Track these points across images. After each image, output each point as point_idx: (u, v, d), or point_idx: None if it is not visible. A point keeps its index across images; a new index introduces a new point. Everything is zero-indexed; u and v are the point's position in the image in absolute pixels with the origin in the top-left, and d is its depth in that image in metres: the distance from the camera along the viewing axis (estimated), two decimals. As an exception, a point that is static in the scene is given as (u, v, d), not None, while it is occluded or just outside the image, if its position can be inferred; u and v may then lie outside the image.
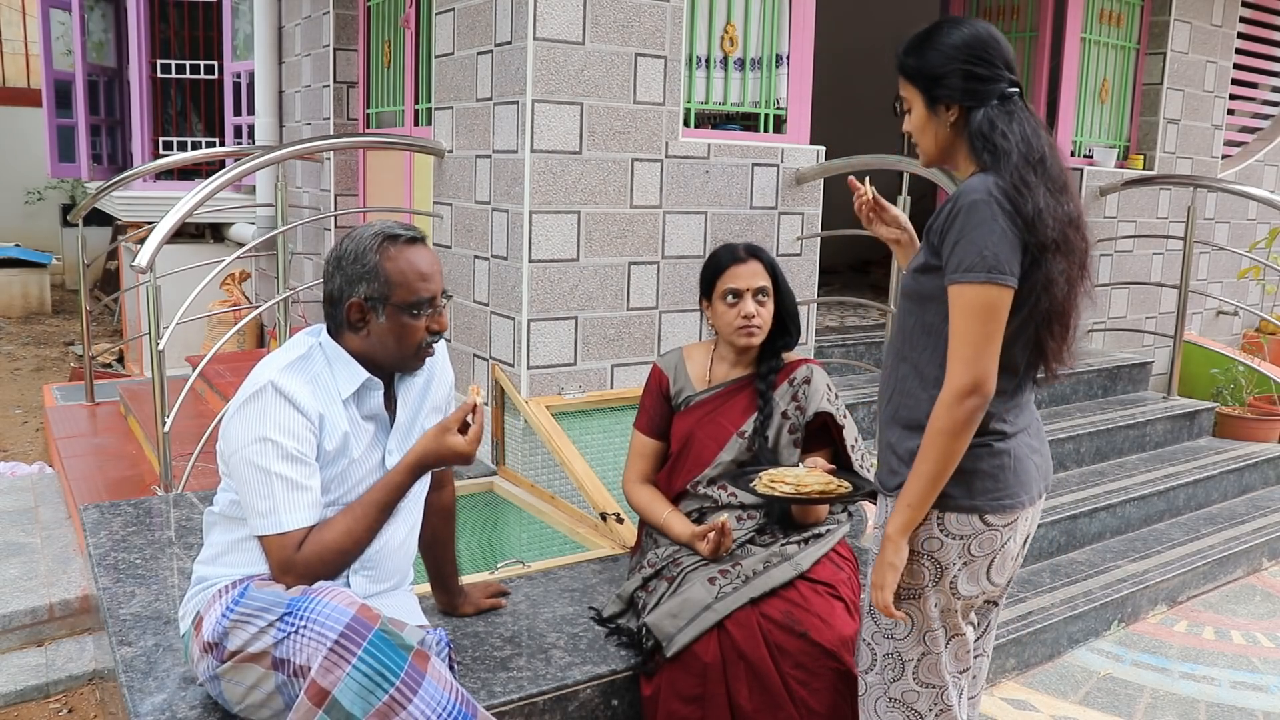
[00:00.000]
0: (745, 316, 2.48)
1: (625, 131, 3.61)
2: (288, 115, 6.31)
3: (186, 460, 3.65)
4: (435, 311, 1.98)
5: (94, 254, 8.44)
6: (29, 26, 12.97)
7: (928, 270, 1.84)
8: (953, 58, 1.84)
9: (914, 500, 1.80)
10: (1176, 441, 4.95)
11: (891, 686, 1.96)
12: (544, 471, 3.58)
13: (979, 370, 1.74)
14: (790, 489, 2.24)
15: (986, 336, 1.74)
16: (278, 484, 1.83)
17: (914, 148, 2.01)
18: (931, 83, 1.86)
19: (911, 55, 1.89)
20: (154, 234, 3.35)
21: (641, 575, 2.47)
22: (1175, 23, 5.73)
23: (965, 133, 1.87)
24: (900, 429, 1.89)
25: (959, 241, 1.75)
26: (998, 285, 1.73)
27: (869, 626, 1.99)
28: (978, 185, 1.77)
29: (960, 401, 1.74)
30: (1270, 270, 5.83)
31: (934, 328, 1.84)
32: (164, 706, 2.01)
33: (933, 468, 1.78)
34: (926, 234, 1.87)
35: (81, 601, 3.44)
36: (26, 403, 7.30)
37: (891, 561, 1.83)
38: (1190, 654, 3.41)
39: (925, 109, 1.90)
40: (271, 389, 1.86)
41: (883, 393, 1.98)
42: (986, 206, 1.74)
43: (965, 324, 1.75)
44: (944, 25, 1.89)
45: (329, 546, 1.85)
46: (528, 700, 2.18)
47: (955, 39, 1.85)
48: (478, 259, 3.81)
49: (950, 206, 1.78)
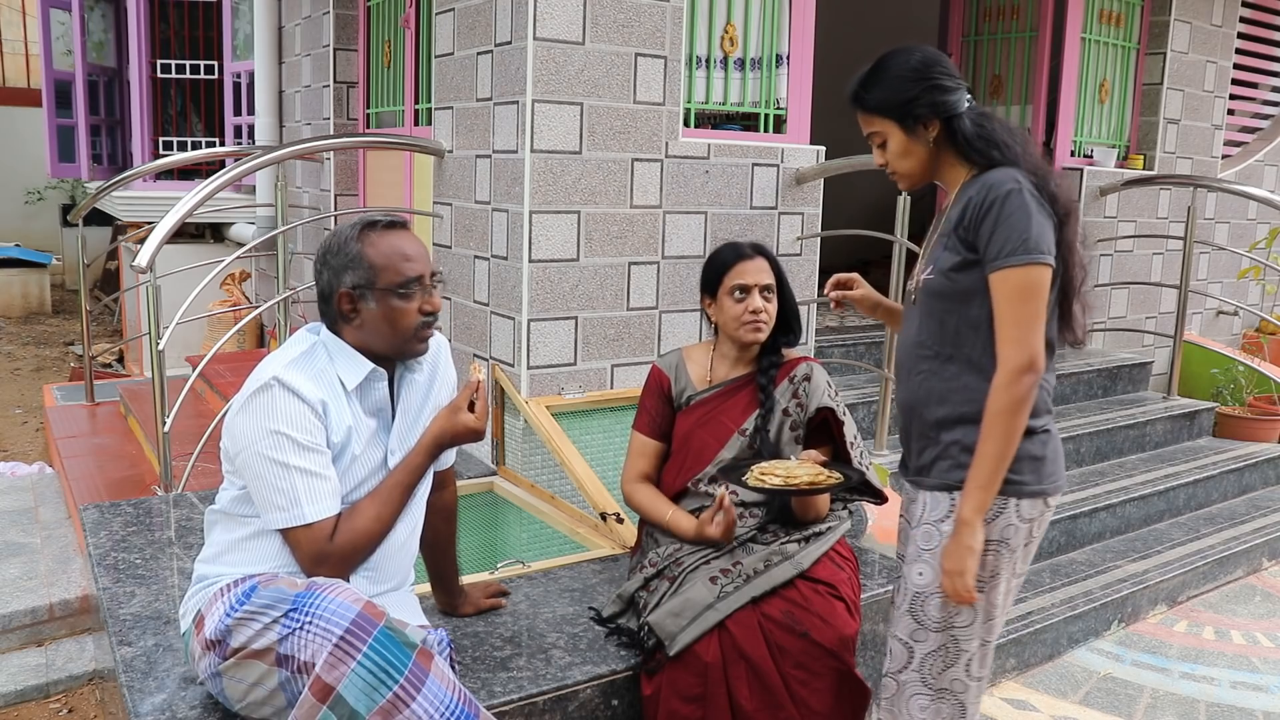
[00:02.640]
0: (754, 311, 2.50)
1: (625, 131, 3.61)
2: (288, 115, 6.31)
3: (186, 460, 3.65)
4: (425, 291, 1.98)
5: (94, 254, 8.45)
6: (29, 26, 12.97)
7: (964, 267, 1.91)
8: (917, 79, 1.94)
9: (984, 481, 1.86)
10: (1176, 441, 4.95)
11: (940, 677, 1.97)
12: (544, 471, 3.58)
13: (1031, 348, 1.83)
14: (779, 480, 2.24)
15: (1033, 315, 1.83)
16: (296, 476, 1.84)
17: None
18: (905, 107, 1.94)
19: (873, 90, 1.97)
20: (154, 234, 3.35)
21: (643, 575, 2.47)
22: (1175, 23, 5.73)
23: (951, 142, 1.96)
24: (967, 426, 1.93)
25: (997, 229, 1.83)
26: (1039, 264, 1.82)
27: (907, 624, 2.00)
28: (1002, 177, 1.86)
29: (1018, 379, 1.83)
30: (1270, 270, 5.83)
31: (980, 321, 1.91)
32: (164, 706, 2.01)
33: (997, 447, 1.84)
34: (953, 233, 1.92)
35: (81, 601, 3.44)
36: (26, 403, 7.30)
37: (970, 545, 1.87)
38: (1190, 654, 3.41)
39: (904, 135, 1.97)
40: (277, 384, 1.86)
41: (926, 396, 1.99)
42: (1018, 195, 1.84)
43: (1011, 306, 1.83)
44: (893, 55, 1.98)
45: (361, 532, 1.88)
46: (528, 700, 2.18)
47: (912, 63, 1.95)
48: (478, 259, 3.81)
49: (980, 201, 1.86)
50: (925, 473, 2.01)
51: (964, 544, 1.87)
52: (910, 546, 2.02)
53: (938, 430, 1.98)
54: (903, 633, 2.01)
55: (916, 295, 2.03)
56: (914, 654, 1.99)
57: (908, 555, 2.04)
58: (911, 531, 2.03)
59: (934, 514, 1.97)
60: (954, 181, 2.00)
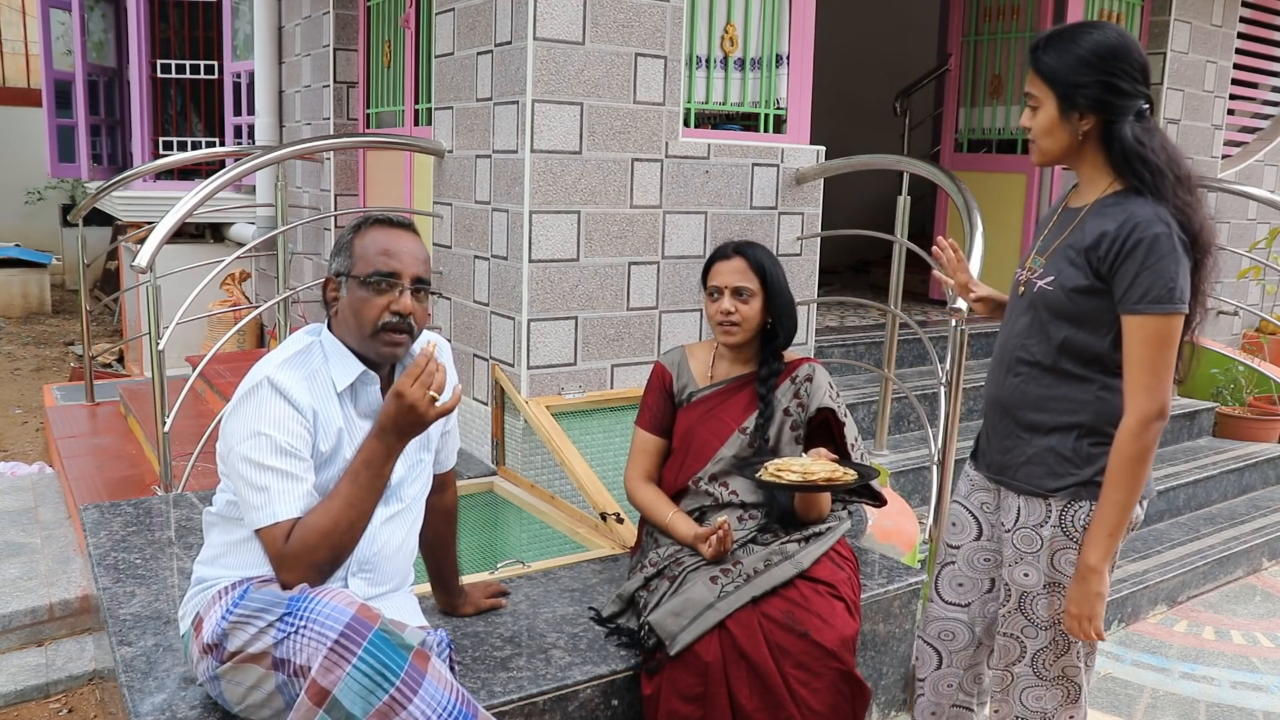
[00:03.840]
0: (723, 313, 2.50)
1: (625, 131, 3.61)
2: (288, 115, 6.31)
3: (186, 460, 3.65)
4: (397, 291, 1.92)
5: (94, 254, 8.44)
6: (29, 26, 12.96)
7: (1090, 293, 1.88)
8: (1094, 66, 1.85)
9: (1113, 529, 1.87)
10: (1176, 441, 4.95)
11: (1053, 666, 2.02)
12: (544, 471, 3.58)
13: (1163, 396, 1.83)
14: (797, 476, 2.25)
15: (1168, 363, 1.83)
16: (271, 476, 1.81)
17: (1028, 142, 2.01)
18: (1070, 89, 1.87)
19: (1050, 54, 1.89)
20: (154, 234, 3.35)
21: (643, 575, 2.47)
22: (1175, 23, 5.73)
23: (1103, 145, 1.89)
24: (1063, 434, 1.95)
25: (1142, 272, 1.80)
26: (1179, 314, 1.82)
27: (1017, 620, 2.04)
28: (1152, 216, 1.81)
29: (1147, 428, 1.83)
30: (1270, 270, 5.83)
31: (1089, 344, 1.90)
32: (164, 706, 2.01)
33: (1127, 495, 1.85)
34: (1084, 254, 1.88)
35: (81, 601, 3.44)
36: (26, 403, 7.30)
37: (1100, 592, 1.90)
38: (1190, 654, 3.41)
39: (1057, 113, 1.90)
40: (267, 384, 1.86)
41: (1021, 398, 2.00)
42: (1168, 240, 1.80)
43: (1149, 353, 1.82)
44: (1089, 30, 1.89)
45: (313, 529, 1.80)
46: (528, 700, 2.18)
47: (1097, 45, 1.85)
48: (478, 259, 3.81)
49: (1124, 237, 1.82)
50: (1011, 473, 2.03)
51: (1093, 591, 1.89)
52: (1008, 549, 2.05)
53: (1031, 434, 1.99)
54: (1013, 629, 2.05)
55: (1026, 292, 2.01)
56: (1026, 649, 2.04)
57: (1006, 556, 2.06)
58: (1006, 534, 2.05)
59: (1032, 519, 1.99)
60: (1092, 183, 1.95)
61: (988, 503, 2.15)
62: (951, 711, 2.28)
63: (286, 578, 1.82)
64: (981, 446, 2.16)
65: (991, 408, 2.09)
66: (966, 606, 2.21)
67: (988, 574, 2.18)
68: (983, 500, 2.16)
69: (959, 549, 2.21)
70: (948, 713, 2.28)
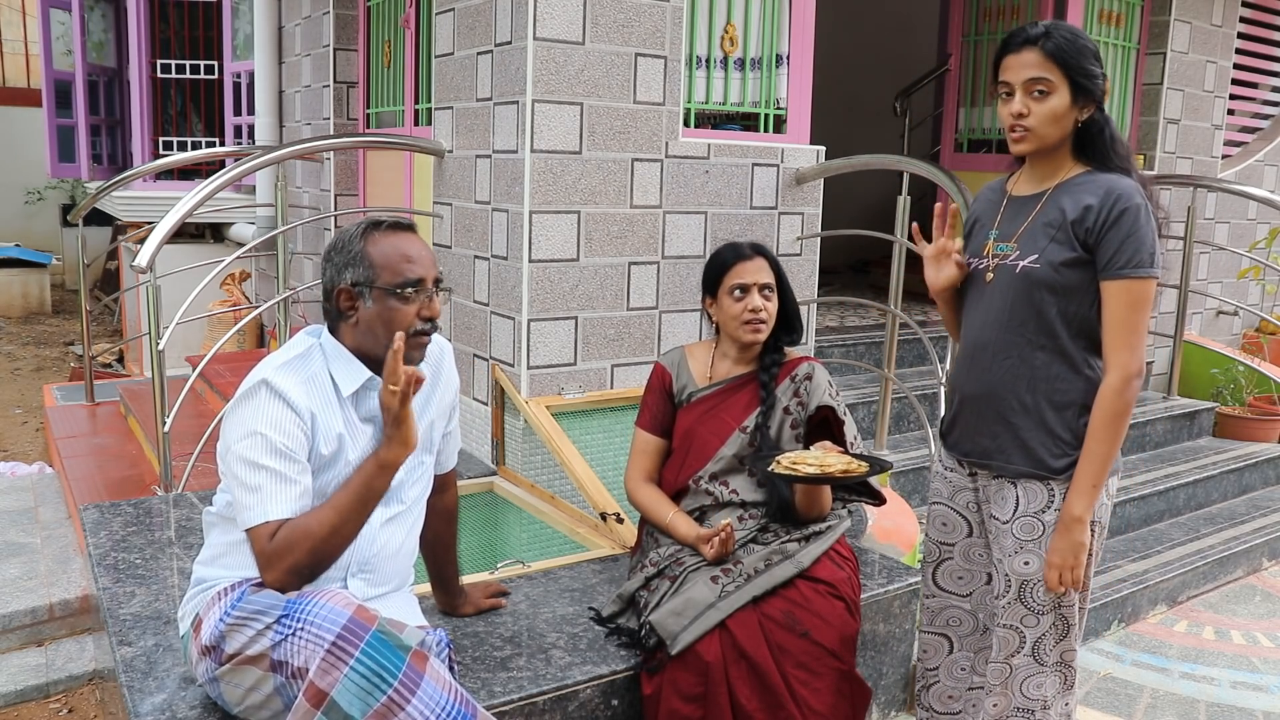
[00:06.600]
0: (753, 310, 2.50)
1: (625, 131, 3.61)
2: (288, 115, 6.30)
3: (186, 460, 3.65)
4: (425, 296, 1.94)
5: (94, 254, 8.45)
6: (29, 26, 12.96)
7: (1075, 264, 1.96)
8: (1097, 58, 1.98)
9: (1096, 479, 1.97)
10: (1176, 441, 4.95)
11: (1052, 652, 2.06)
12: (544, 471, 3.58)
13: (1141, 354, 1.95)
14: (814, 469, 2.24)
15: (1145, 324, 1.95)
16: (265, 476, 1.81)
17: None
18: (1086, 78, 1.95)
19: (1062, 43, 1.96)
20: (154, 234, 3.35)
21: (644, 574, 2.47)
22: (1175, 23, 5.73)
23: (1087, 131, 1.99)
24: (1060, 411, 2.01)
25: (1127, 240, 1.91)
26: (1155, 278, 1.93)
27: (1017, 610, 2.06)
28: (1131, 188, 1.94)
29: (1130, 384, 1.93)
30: (1270, 270, 5.82)
31: (1076, 316, 1.98)
32: (164, 706, 2.01)
33: (1108, 448, 1.95)
34: (1067, 228, 1.96)
35: (81, 601, 3.44)
36: (26, 403, 7.30)
37: (1082, 541, 1.98)
38: (1190, 654, 3.41)
39: (1069, 100, 1.97)
40: (265, 386, 1.85)
41: (1013, 380, 2.04)
42: (1146, 210, 1.93)
43: (1131, 314, 1.92)
44: (1076, 29, 2.00)
45: (296, 528, 1.79)
46: (528, 700, 2.18)
47: (1088, 40, 1.97)
48: (478, 259, 3.81)
49: (1108, 207, 1.92)
50: (1003, 457, 2.05)
51: (1076, 540, 1.97)
52: (1007, 539, 2.07)
53: (1023, 415, 2.03)
54: (1012, 619, 2.07)
55: (998, 277, 2.05)
56: (1025, 638, 2.06)
57: (1005, 547, 2.07)
58: (1003, 526, 2.07)
59: (1034, 505, 2.03)
60: (1056, 167, 2.03)
61: (972, 502, 2.19)
62: (969, 695, 2.28)
63: (267, 577, 1.82)
64: (956, 442, 2.17)
65: (975, 400, 2.10)
66: (968, 596, 2.25)
67: (984, 568, 2.21)
68: (967, 500, 2.20)
69: (954, 545, 2.24)
70: (965, 696, 2.28)
